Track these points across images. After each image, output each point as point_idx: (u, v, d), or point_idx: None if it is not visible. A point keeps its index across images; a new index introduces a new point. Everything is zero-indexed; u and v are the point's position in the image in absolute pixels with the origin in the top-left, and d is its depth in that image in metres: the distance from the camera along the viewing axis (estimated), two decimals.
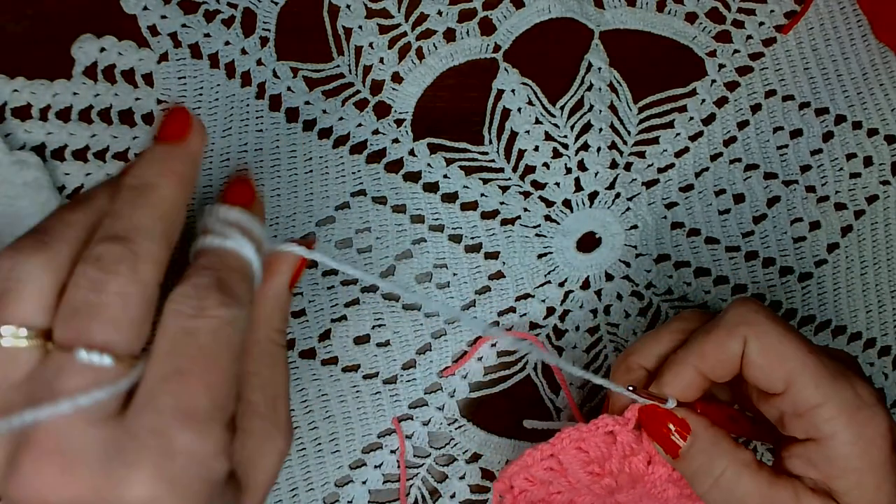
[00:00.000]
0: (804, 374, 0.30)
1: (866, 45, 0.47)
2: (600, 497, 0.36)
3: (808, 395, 0.30)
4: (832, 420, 0.30)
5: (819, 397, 0.30)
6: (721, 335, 0.31)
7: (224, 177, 0.42)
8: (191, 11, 0.42)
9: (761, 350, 0.31)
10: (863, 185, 0.46)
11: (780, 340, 0.31)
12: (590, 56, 0.45)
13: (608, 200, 0.44)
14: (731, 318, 0.31)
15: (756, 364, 0.31)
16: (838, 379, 0.30)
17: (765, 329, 0.31)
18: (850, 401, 0.30)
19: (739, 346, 0.31)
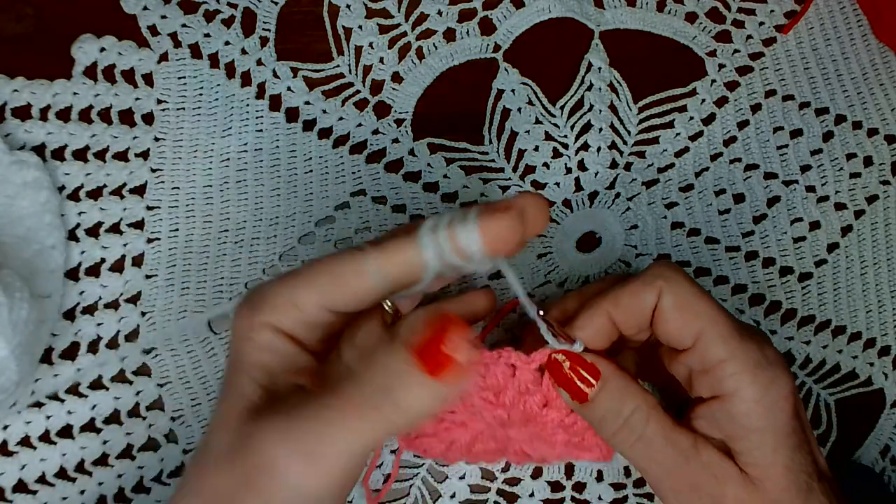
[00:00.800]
0: (713, 329, 0.31)
1: (866, 44, 0.47)
2: (491, 427, 0.36)
3: (716, 350, 0.31)
4: (736, 376, 0.30)
5: (725, 353, 0.31)
6: (637, 285, 0.32)
7: (224, 177, 0.42)
8: (191, 11, 0.42)
9: (674, 303, 0.31)
10: (863, 185, 0.46)
11: (693, 296, 0.31)
12: (590, 56, 0.45)
13: (608, 200, 0.44)
14: (649, 272, 0.32)
15: (668, 316, 0.31)
16: (745, 338, 0.31)
17: (679, 284, 0.31)
18: (755, 359, 0.31)
19: (653, 298, 0.31)
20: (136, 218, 0.41)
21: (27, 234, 0.39)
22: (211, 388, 0.41)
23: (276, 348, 0.28)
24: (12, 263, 0.37)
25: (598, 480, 0.43)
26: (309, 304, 0.28)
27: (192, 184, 0.41)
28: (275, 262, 0.42)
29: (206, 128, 0.42)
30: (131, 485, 0.40)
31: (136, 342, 0.40)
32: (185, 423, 0.41)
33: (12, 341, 0.34)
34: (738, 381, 0.30)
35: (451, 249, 0.28)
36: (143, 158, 0.41)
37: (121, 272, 0.41)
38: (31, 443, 0.39)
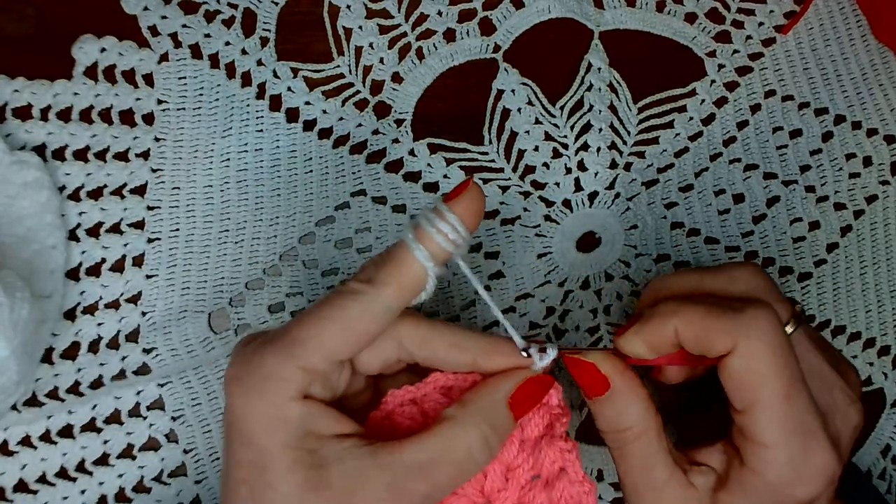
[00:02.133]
0: (766, 412, 0.30)
1: (865, 45, 0.47)
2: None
3: (759, 431, 0.30)
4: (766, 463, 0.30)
5: (767, 439, 0.30)
6: (719, 327, 0.30)
7: (224, 178, 0.42)
8: (191, 12, 0.42)
9: (741, 368, 0.30)
10: (862, 185, 0.46)
11: (766, 369, 0.29)
12: (589, 56, 0.45)
13: (608, 200, 0.44)
14: (740, 320, 0.30)
15: (730, 376, 0.30)
16: (799, 435, 0.30)
17: (759, 350, 0.29)
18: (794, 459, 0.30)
19: (725, 348, 0.30)
20: (136, 218, 0.41)
21: (28, 234, 0.39)
22: (211, 389, 0.41)
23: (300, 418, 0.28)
24: (13, 263, 0.37)
25: (598, 480, 0.43)
26: (320, 364, 0.28)
27: (192, 184, 0.41)
28: (275, 262, 0.42)
29: (206, 128, 0.42)
30: (132, 484, 0.40)
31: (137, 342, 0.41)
32: (185, 422, 0.41)
33: (13, 341, 0.34)
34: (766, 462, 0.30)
35: (440, 243, 0.29)
36: (144, 158, 0.41)
37: (121, 272, 0.41)
38: (32, 442, 0.39)
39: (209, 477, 0.41)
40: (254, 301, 0.42)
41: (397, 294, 0.29)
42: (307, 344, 0.28)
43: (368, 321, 0.28)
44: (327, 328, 0.28)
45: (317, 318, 0.28)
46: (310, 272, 0.42)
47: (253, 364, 0.28)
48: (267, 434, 0.27)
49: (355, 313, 0.28)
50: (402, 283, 0.29)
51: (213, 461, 0.41)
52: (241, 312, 0.41)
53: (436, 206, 0.30)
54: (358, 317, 0.28)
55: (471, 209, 0.30)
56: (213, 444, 0.41)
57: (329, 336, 0.28)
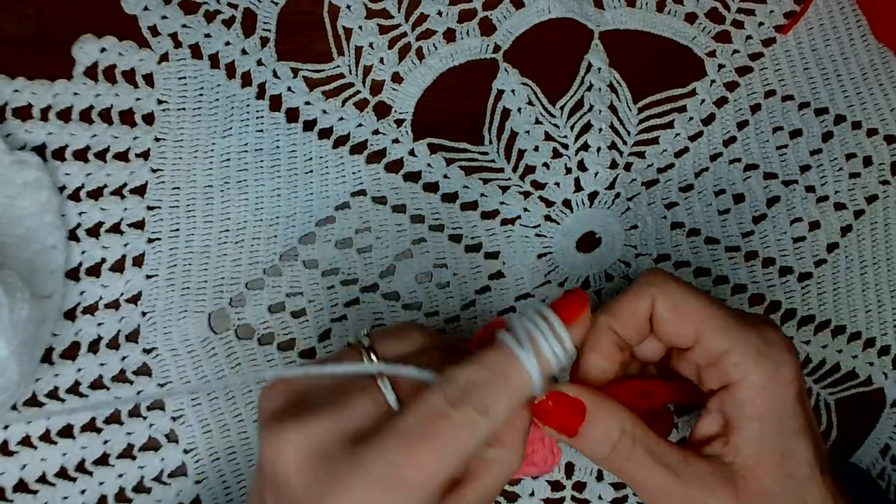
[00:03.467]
0: (710, 322, 0.31)
1: (866, 45, 0.47)
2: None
3: (716, 342, 0.31)
4: (740, 364, 0.31)
5: (726, 343, 0.31)
6: (630, 295, 0.32)
7: (224, 178, 0.42)
8: (191, 12, 0.42)
9: (668, 306, 0.32)
10: (862, 185, 0.46)
11: (685, 296, 0.32)
12: (590, 56, 0.45)
13: (608, 200, 0.44)
14: (639, 281, 0.33)
15: (664, 319, 0.32)
16: (744, 326, 0.31)
17: (670, 288, 0.32)
18: (756, 345, 0.31)
19: (647, 305, 0.32)
20: (136, 218, 0.41)
21: (28, 234, 0.39)
22: (212, 388, 0.41)
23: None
24: (12, 263, 0.38)
25: (598, 480, 0.43)
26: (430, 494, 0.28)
27: (192, 184, 0.41)
28: (275, 262, 0.42)
29: (206, 128, 0.42)
30: (132, 484, 0.40)
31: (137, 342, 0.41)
32: (185, 422, 0.41)
33: (13, 341, 0.34)
34: (743, 369, 0.31)
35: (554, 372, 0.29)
36: (144, 158, 0.41)
37: (121, 272, 0.41)
38: (32, 442, 0.39)
39: (209, 477, 0.41)
40: (254, 301, 0.42)
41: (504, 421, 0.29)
42: (429, 486, 0.27)
43: (477, 450, 0.28)
44: (448, 465, 0.27)
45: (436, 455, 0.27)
46: (310, 272, 0.42)
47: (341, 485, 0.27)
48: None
49: (471, 445, 0.28)
50: (512, 408, 0.29)
51: (214, 461, 0.41)
52: (241, 312, 0.41)
53: (554, 326, 0.29)
54: (472, 448, 0.28)
55: (582, 335, 0.31)
56: (214, 444, 0.41)
57: (447, 471, 0.27)
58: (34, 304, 0.35)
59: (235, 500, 0.41)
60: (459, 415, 0.27)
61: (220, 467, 0.41)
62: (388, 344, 0.31)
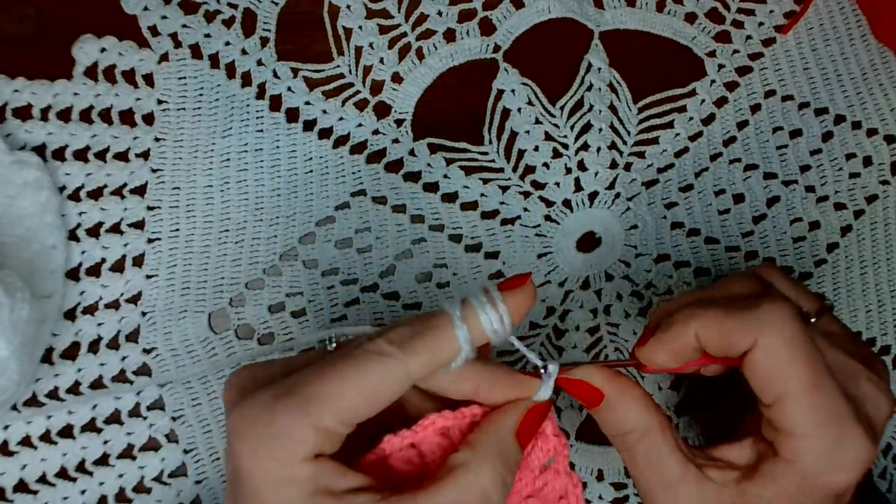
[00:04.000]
0: (796, 403, 0.30)
1: (865, 45, 0.47)
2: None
3: (791, 422, 0.30)
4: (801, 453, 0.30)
5: (799, 429, 0.30)
6: (734, 325, 0.30)
7: (224, 178, 0.42)
8: (191, 12, 0.42)
9: (765, 362, 0.30)
10: (862, 185, 0.46)
11: (790, 361, 0.30)
12: (589, 56, 0.45)
13: (608, 200, 0.44)
14: (754, 313, 0.30)
15: (755, 372, 0.30)
16: (831, 424, 0.30)
17: (778, 340, 0.30)
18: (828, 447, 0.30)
19: (746, 345, 0.30)
20: (136, 218, 0.41)
21: (28, 234, 0.39)
22: (212, 388, 0.41)
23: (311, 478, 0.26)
24: (13, 263, 0.37)
25: (598, 480, 0.43)
26: (335, 426, 0.26)
27: (192, 184, 0.41)
28: (275, 262, 0.42)
29: (206, 128, 0.42)
30: (132, 485, 0.40)
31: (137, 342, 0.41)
32: (185, 422, 0.41)
33: (13, 342, 0.34)
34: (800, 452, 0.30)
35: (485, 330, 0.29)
36: (144, 158, 0.41)
37: (121, 272, 0.41)
38: (32, 443, 0.39)
39: (209, 477, 0.41)
40: (254, 301, 0.42)
41: (425, 367, 0.28)
42: (324, 404, 0.26)
43: (389, 388, 0.27)
44: (347, 389, 0.26)
45: (337, 378, 0.27)
46: (310, 272, 0.42)
47: (262, 420, 0.26)
48: (276, 494, 0.26)
49: (378, 377, 0.27)
50: (434, 358, 0.28)
51: (214, 461, 0.41)
52: (241, 312, 0.41)
53: (489, 291, 0.29)
54: (379, 381, 0.27)
55: (523, 306, 0.29)
56: (214, 444, 0.41)
57: (348, 398, 0.26)
58: (34, 304, 0.35)
59: None
60: (371, 344, 0.27)
61: (221, 467, 0.41)
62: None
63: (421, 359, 0.27)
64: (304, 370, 0.27)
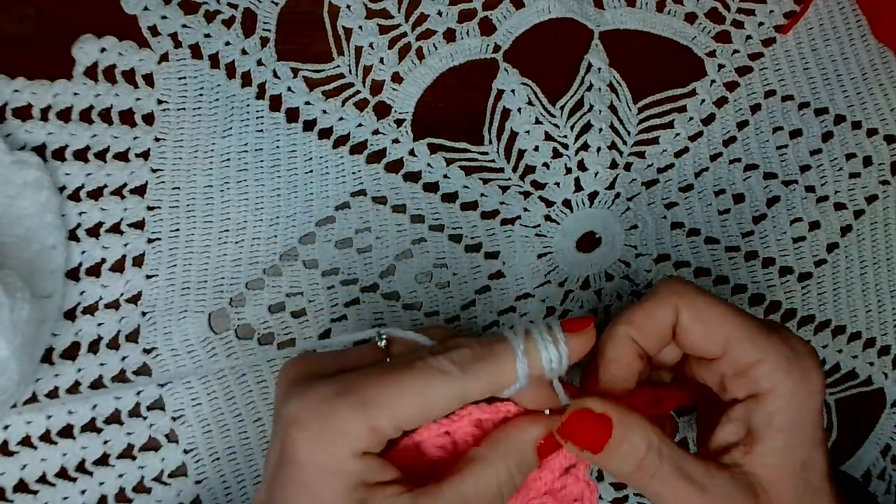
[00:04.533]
0: (740, 333, 0.31)
1: (865, 45, 0.47)
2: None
3: (747, 352, 0.31)
4: (772, 374, 0.31)
5: (757, 353, 0.31)
6: (651, 305, 0.32)
7: (224, 178, 0.42)
8: (191, 12, 0.42)
9: (693, 316, 0.31)
10: (862, 185, 0.46)
11: (711, 306, 0.32)
12: (589, 56, 0.45)
13: (608, 200, 0.44)
14: (660, 290, 0.32)
15: (690, 330, 0.32)
16: (773, 335, 0.31)
17: (694, 297, 0.32)
18: (786, 355, 0.31)
19: (670, 315, 0.32)
20: (136, 218, 0.41)
21: (28, 234, 0.39)
22: (211, 388, 0.41)
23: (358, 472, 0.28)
24: (12, 263, 0.37)
25: (598, 480, 0.43)
26: (389, 430, 0.28)
27: (192, 184, 0.41)
28: (275, 262, 0.42)
29: (206, 128, 0.42)
30: (132, 485, 0.40)
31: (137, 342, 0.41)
32: (185, 422, 0.41)
33: (13, 342, 0.34)
34: (773, 379, 0.31)
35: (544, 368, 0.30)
36: (144, 158, 0.41)
37: (121, 272, 0.41)
38: (32, 443, 0.39)
39: (209, 477, 0.41)
40: (254, 301, 0.42)
41: (482, 391, 0.29)
42: (382, 408, 0.28)
43: (445, 404, 0.29)
44: (406, 398, 0.28)
45: (397, 385, 0.28)
46: (310, 272, 0.42)
47: (321, 412, 0.28)
48: (325, 483, 0.28)
49: (436, 393, 0.28)
50: (492, 385, 0.29)
51: (214, 461, 0.41)
52: (241, 312, 0.41)
53: (553, 329, 0.30)
54: (437, 397, 0.28)
55: (582, 349, 0.31)
56: (214, 444, 0.41)
57: (405, 406, 0.28)
58: (34, 304, 0.35)
59: (236, 500, 0.41)
60: (434, 359, 0.29)
61: (221, 467, 0.41)
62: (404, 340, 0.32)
63: (479, 384, 0.29)
64: (366, 372, 0.29)
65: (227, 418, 0.41)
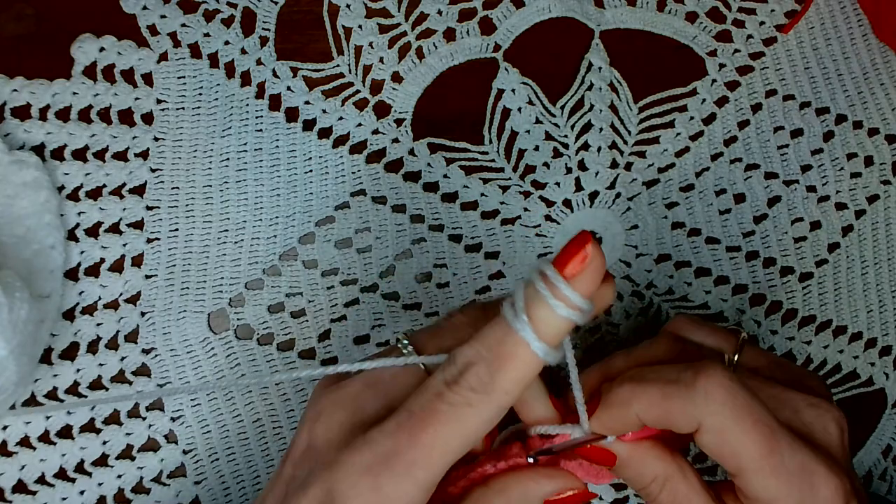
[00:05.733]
0: (758, 473, 0.29)
1: (867, 44, 0.47)
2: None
3: (758, 491, 0.29)
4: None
5: (768, 496, 0.29)
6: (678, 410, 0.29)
7: (224, 177, 0.42)
8: (190, 11, 0.42)
9: (715, 443, 0.29)
10: (863, 185, 0.46)
11: (739, 438, 0.28)
12: (590, 55, 0.44)
13: (609, 200, 0.44)
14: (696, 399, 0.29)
15: (709, 451, 0.29)
16: (797, 478, 0.29)
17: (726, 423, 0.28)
18: (807, 500, 0.29)
19: (691, 428, 0.29)
20: (135, 218, 0.41)
21: (26, 234, 0.38)
22: (211, 388, 0.41)
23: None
24: (12, 263, 0.37)
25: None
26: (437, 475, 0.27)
27: (191, 184, 0.41)
28: (274, 262, 0.42)
29: (205, 127, 0.42)
30: (131, 485, 0.40)
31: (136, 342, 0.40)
32: (184, 423, 0.41)
33: (12, 342, 0.34)
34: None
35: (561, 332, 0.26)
36: (143, 158, 0.41)
37: (120, 272, 0.41)
38: (31, 443, 0.39)
39: (208, 478, 0.41)
40: (253, 301, 0.41)
41: (513, 398, 0.27)
42: (429, 465, 0.27)
43: (485, 427, 0.27)
44: (449, 445, 0.27)
45: (434, 436, 0.26)
46: (309, 272, 0.42)
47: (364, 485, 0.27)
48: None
49: (472, 426, 0.27)
50: (521, 384, 0.27)
51: (213, 462, 0.41)
52: (240, 312, 0.41)
53: (560, 292, 0.25)
54: (475, 428, 0.27)
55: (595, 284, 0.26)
56: (213, 444, 0.41)
57: (448, 454, 0.27)
58: (33, 304, 0.35)
59: (234, 500, 0.41)
60: (455, 395, 0.27)
61: (220, 468, 0.41)
62: (428, 340, 0.31)
63: (511, 396, 0.27)
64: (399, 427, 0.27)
65: (226, 419, 0.41)
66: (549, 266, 0.26)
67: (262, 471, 0.41)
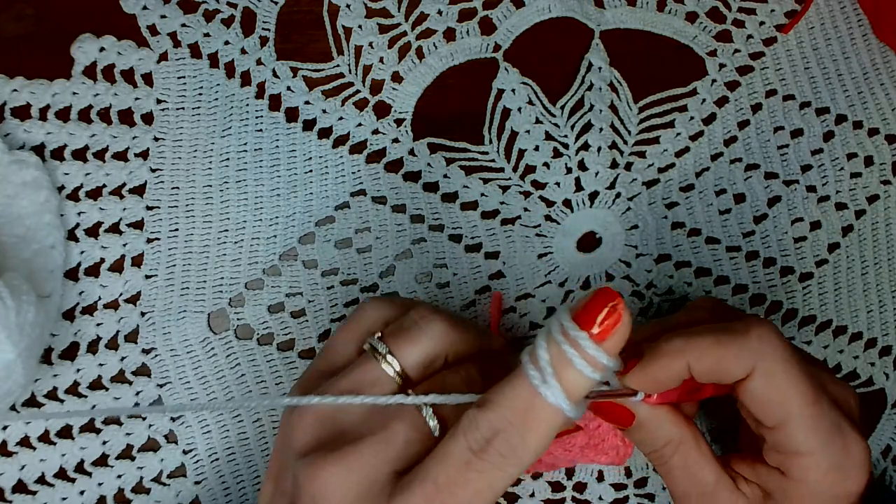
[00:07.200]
0: (801, 422, 0.30)
1: (867, 44, 0.47)
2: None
3: (798, 442, 0.30)
4: (811, 469, 0.30)
5: (807, 447, 0.30)
6: (730, 355, 0.30)
7: (224, 177, 0.42)
8: (190, 11, 0.42)
9: (766, 388, 0.30)
10: (863, 185, 0.46)
11: (787, 382, 0.30)
12: (590, 55, 0.44)
13: (609, 200, 0.44)
14: (747, 343, 0.30)
15: (755, 398, 0.30)
16: (833, 434, 0.30)
17: (775, 368, 0.30)
18: (835, 458, 0.30)
19: (742, 373, 0.30)
20: (135, 218, 0.41)
21: (26, 233, 0.38)
22: (211, 389, 0.41)
23: None
24: (12, 263, 0.37)
25: (598, 481, 0.43)
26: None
27: (191, 184, 0.41)
28: (274, 262, 0.42)
29: (205, 127, 0.42)
30: (131, 485, 0.40)
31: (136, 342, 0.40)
32: (184, 423, 0.41)
33: (19, 345, 0.34)
34: (810, 474, 0.30)
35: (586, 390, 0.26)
36: (143, 158, 0.41)
37: (120, 272, 0.41)
38: (31, 443, 0.39)
39: (208, 478, 0.41)
40: (253, 301, 0.41)
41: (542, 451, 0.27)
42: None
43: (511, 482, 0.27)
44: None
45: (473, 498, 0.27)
46: (309, 272, 0.42)
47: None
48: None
49: (503, 484, 0.27)
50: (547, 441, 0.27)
51: (213, 462, 0.41)
52: (240, 312, 0.41)
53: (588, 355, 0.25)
54: (505, 485, 0.27)
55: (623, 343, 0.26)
56: (213, 444, 0.41)
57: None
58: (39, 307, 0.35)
59: (234, 501, 0.41)
60: (484, 463, 0.26)
61: (220, 468, 0.41)
62: (407, 348, 0.30)
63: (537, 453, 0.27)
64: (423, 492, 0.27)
65: (226, 419, 0.41)
66: (574, 326, 0.25)
67: (262, 471, 0.41)
